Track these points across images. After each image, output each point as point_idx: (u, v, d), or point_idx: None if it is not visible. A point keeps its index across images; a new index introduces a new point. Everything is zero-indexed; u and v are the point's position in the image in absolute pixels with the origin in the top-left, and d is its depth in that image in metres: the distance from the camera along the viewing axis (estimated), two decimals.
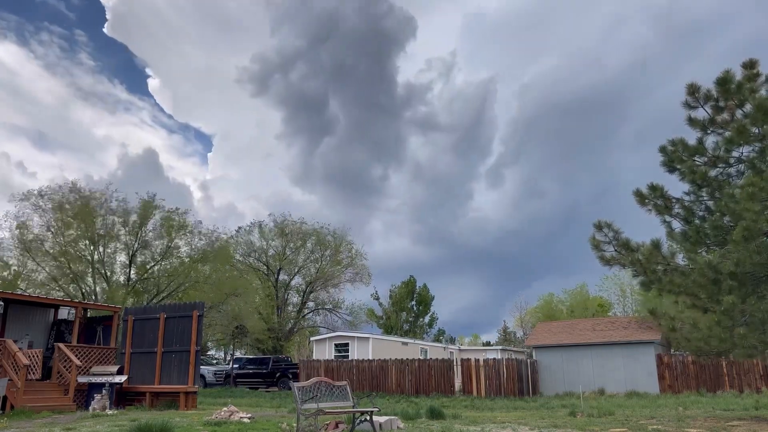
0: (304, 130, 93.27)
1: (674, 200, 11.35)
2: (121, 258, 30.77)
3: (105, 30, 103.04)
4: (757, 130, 10.13)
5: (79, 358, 15.22)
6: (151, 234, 30.68)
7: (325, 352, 29.68)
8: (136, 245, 30.12)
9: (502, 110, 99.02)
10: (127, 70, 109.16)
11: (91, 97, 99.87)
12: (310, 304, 43.34)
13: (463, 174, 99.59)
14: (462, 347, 41.05)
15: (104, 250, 29.50)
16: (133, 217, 30.11)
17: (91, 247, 29.04)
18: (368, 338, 29.30)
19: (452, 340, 49.58)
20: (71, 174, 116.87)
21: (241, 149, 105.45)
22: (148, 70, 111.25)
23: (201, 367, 26.86)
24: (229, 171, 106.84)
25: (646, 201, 11.40)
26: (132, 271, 30.12)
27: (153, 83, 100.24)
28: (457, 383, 24.13)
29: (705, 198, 11.17)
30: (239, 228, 41.50)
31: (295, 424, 8.96)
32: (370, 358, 26.75)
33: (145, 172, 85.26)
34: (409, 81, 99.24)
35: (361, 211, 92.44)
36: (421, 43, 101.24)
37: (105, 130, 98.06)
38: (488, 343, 59.70)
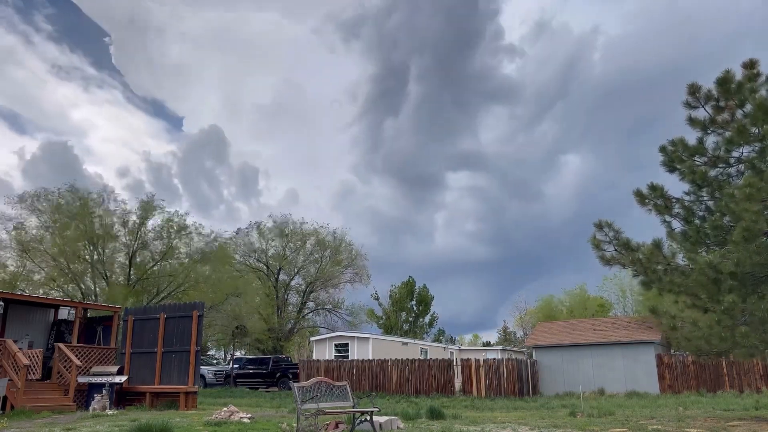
0: (378, 99, 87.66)
1: (674, 200, 11.35)
2: (121, 258, 30.84)
3: None
4: (757, 130, 10.12)
5: (79, 358, 15.22)
6: (150, 234, 30.76)
7: (325, 352, 29.67)
8: (136, 245, 30.16)
9: (581, 83, 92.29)
10: (87, 38, 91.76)
11: (60, 72, 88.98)
12: (310, 304, 43.41)
13: (529, 161, 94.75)
14: (462, 347, 41.07)
15: (103, 251, 29.53)
16: (133, 218, 30.18)
17: (90, 248, 29.05)
18: (368, 338, 29.28)
19: (452, 340, 49.62)
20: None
21: (259, 127, 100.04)
22: (107, 39, 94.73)
23: (201, 367, 26.85)
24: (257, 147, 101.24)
25: (646, 201, 11.40)
26: (132, 272, 30.15)
27: (113, 51, 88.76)
28: (457, 383, 24.12)
29: (705, 198, 11.17)
30: (239, 229, 41.68)
31: (295, 424, 8.96)
32: (370, 358, 26.73)
33: (207, 152, 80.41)
34: (497, 45, 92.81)
35: (417, 203, 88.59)
36: None
37: (83, 112, 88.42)
38: (488, 343, 59.75)
